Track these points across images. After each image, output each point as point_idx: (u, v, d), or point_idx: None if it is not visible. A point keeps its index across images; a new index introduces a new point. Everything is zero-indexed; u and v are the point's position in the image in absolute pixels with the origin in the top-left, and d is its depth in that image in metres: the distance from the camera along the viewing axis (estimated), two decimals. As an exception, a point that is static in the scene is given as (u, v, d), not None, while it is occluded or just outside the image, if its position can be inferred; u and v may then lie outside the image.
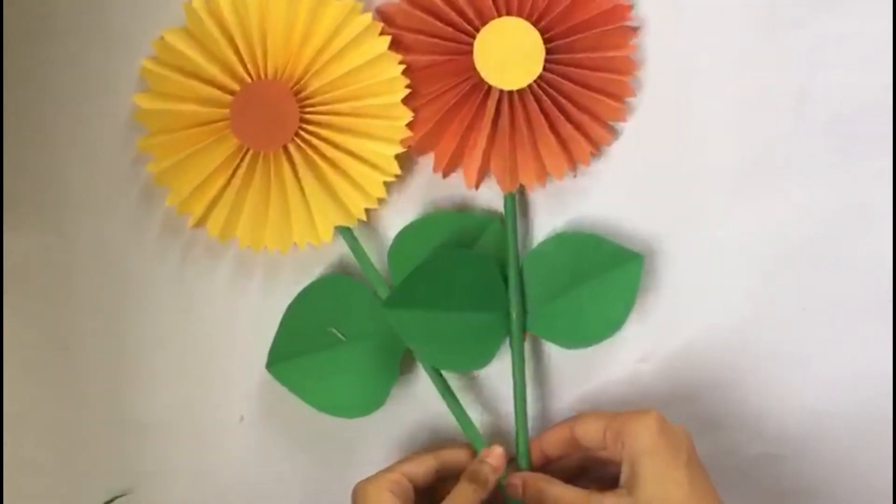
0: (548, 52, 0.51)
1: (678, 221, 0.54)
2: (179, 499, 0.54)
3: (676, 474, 0.46)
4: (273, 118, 0.51)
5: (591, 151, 0.52)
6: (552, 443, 0.52)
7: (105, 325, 0.54)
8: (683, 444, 0.48)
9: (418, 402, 0.54)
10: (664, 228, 0.54)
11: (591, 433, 0.50)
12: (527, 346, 0.54)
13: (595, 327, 0.53)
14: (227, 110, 0.51)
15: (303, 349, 0.52)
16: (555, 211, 0.54)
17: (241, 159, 0.51)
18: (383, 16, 0.51)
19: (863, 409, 0.55)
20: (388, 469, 0.50)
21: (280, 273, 0.54)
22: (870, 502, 0.55)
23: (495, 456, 0.51)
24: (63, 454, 0.54)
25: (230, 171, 0.51)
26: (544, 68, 0.51)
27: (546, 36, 0.51)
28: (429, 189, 0.53)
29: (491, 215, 0.53)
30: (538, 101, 0.51)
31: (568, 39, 0.51)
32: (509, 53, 0.50)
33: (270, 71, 0.51)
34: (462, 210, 0.54)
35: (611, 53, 0.51)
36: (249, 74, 0.51)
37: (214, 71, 0.51)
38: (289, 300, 0.52)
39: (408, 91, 0.51)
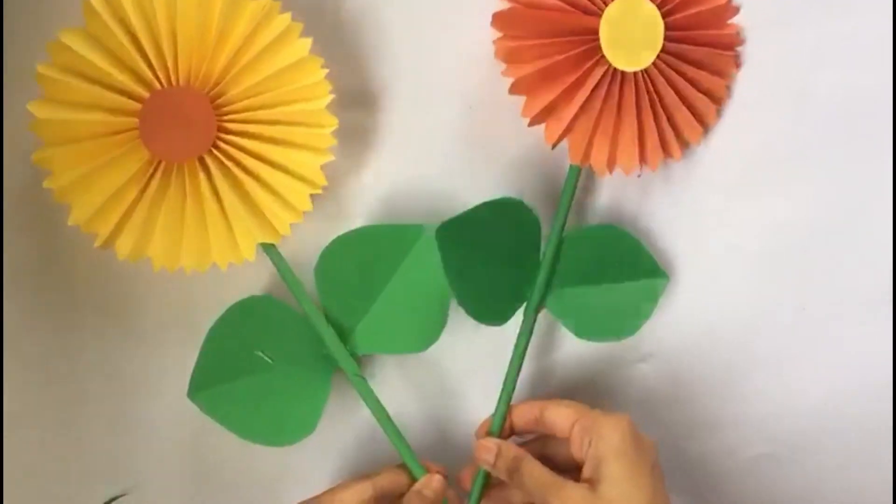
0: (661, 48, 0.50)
1: (679, 221, 0.54)
2: (179, 499, 0.53)
3: (640, 479, 0.46)
4: (188, 127, 0.47)
5: (662, 159, 0.52)
6: (521, 416, 0.51)
7: (105, 325, 0.52)
8: (650, 451, 0.47)
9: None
10: (665, 228, 0.54)
11: (560, 420, 0.49)
12: (538, 327, 0.53)
13: (606, 326, 0.53)
14: (136, 119, 0.47)
15: (227, 375, 0.50)
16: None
17: (153, 173, 0.47)
18: None
19: (862, 409, 0.55)
20: (318, 497, 0.48)
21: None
22: (870, 502, 0.55)
23: (433, 488, 0.50)
24: (63, 454, 0.53)
25: (140, 186, 0.47)
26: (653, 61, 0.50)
27: (666, 33, 0.50)
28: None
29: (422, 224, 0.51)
30: (636, 90, 0.50)
31: (683, 46, 0.50)
32: (633, 34, 0.50)
33: (183, 76, 0.47)
34: (391, 220, 0.52)
35: (716, 79, 0.51)
36: (159, 80, 0.47)
37: (119, 76, 0.46)
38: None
39: (332, 97, 0.48)
